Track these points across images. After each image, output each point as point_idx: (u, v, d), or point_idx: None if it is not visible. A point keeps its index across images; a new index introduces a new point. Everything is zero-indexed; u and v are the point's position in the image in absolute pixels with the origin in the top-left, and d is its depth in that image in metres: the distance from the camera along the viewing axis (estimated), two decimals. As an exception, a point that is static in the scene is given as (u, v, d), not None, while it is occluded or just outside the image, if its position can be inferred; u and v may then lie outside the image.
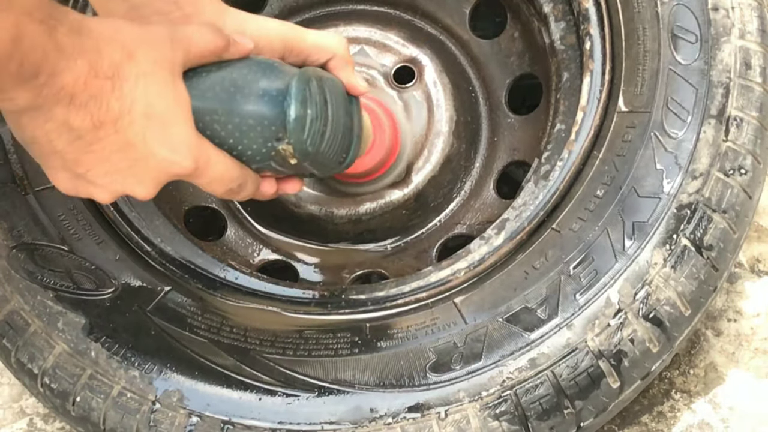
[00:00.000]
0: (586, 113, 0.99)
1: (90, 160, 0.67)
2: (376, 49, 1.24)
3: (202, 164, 0.72)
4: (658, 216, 0.91)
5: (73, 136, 0.64)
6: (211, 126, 0.73)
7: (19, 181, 1.00)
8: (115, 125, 0.65)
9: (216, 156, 0.73)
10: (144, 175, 0.70)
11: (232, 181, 0.76)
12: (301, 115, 0.74)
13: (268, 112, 0.73)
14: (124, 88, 0.65)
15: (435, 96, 1.21)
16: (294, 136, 0.74)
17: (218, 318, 0.95)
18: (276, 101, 0.74)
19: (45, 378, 0.93)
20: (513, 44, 1.25)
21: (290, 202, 1.18)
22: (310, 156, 0.77)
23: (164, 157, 0.69)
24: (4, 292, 0.95)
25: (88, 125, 0.64)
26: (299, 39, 0.83)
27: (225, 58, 0.75)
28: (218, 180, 0.75)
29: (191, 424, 0.88)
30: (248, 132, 0.74)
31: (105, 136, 0.65)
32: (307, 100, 0.75)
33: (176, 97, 0.69)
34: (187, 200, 1.23)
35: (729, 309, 1.18)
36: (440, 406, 0.87)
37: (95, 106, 0.63)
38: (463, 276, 0.96)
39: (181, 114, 0.69)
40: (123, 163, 0.68)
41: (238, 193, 0.78)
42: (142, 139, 0.67)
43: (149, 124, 0.67)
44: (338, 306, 0.97)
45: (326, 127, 0.78)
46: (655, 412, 1.12)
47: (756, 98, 0.95)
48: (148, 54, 0.66)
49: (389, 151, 1.03)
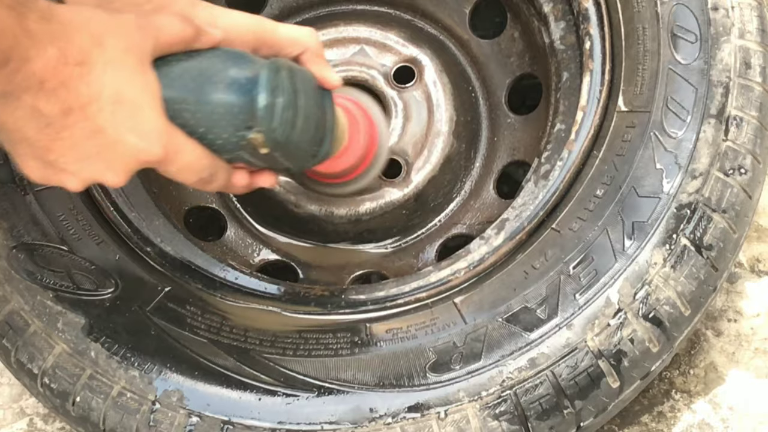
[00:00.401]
0: (586, 113, 0.99)
1: (60, 147, 0.67)
2: (376, 49, 1.24)
3: (171, 152, 0.72)
4: (658, 216, 0.91)
5: (42, 122, 0.65)
6: (181, 114, 0.73)
7: (19, 181, 1.00)
8: (84, 111, 0.65)
9: (186, 144, 0.73)
10: (114, 161, 0.70)
11: (203, 171, 0.76)
12: (270, 104, 0.74)
13: (237, 100, 0.73)
14: (93, 74, 0.65)
15: (435, 96, 1.21)
16: (264, 124, 0.74)
17: (218, 318, 0.95)
18: (245, 90, 0.74)
19: (45, 378, 0.93)
20: (513, 44, 1.25)
21: (290, 202, 1.18)
22: (281, 146, 0.77)
23: (133, 143, 0.69)
24: (4, 293, 0.95)
25: (58, 111, 0.64)
26: (271, 32, 0.83)
27: (195, 47, 0.75)
28: (188, 169, 0.75)
29: (191, 424, 0.88)
30: (218, 121, 0.74)
31: (74, 122, 0.65)
32: (277, 88, 0.75)
33: (145, 85, 0.69)
34: (187, 200, 1.23)
35: (729, 309, 1.18)
36: (440, 406, 0.87)
37: (64, 92, 0.64)
38: (463, 276, 0.96)
39: (151, 101, 0.70)
40: (93, 149, 0.68)
41: (210, 183, 0.78)
42: (112, 126, 0.67)
43: (118, 110, 0.67)
44: (338, 306, 0.97)
45: (297, 118, 0.78)
46: (655, 412, 1.12)
47: (756, 98, 0.95)
48: (117, 41, 0.67)
49: (365, 152, 1.03)
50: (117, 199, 1.03)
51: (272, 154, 0.78)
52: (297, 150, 0.81)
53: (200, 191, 1.24)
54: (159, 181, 1.18)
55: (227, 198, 1.25)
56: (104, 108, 0.66)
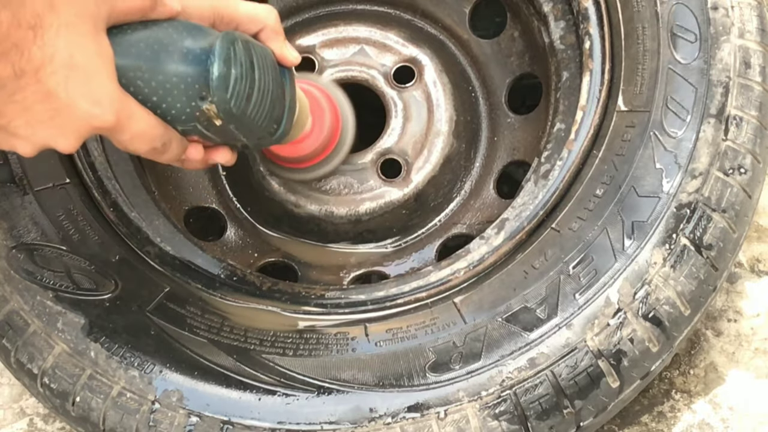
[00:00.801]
0: (586, 112, 0.99)
1: (12, 110, 0.67)
2: (376, 49, 1.24)
3: (124, 119, 0.72)
4: (658, 215, 0.91)
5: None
6: (134, 83, 0.73)
7: (19, 181, 1.00)
8: (37, 74, 0.65)
9: (139, 112, 0.73)
10: (65, 126, 0.70)
11: (155, 140, 0.76)
12: (224, 74, 0.74)
13: (191, 69, 0.73)
14: (46, 37, 0.65)
15: (435, 96, 1.21)
16: (217, 95, 0.74)
17: (218, 318, 0.95)
18: (199, 59, 0.74)
19: (45, 378, 0.93)
20: (513, 44, 1.25)
21: (290, 202, 1.18)
22: (235, 118, 0.77)
23: (86, 109, 0.69)
24: (3, 292, 0.95)
25: (10, 74, 0.64)
26: (230, 8, 0.83)
27: (151, 17, 0.75)
28: (140, 137, 0.74)
29: (191, 424, 0.88)
30: (171, 90, 0.73)
31: (26, 85, 0.66)
32: (231, 59, 0.75)
33: (99, 50, 0.69)
34: (187, 200, 1.24)
35: (729, 309, 1.18)
36: (440, 405, 0.87)
37: (17, 55, 0.64)
38: (463, 276, 0.96)
39: (104, 67, 0.70)
40: (45, 114, 0.68)
41: (163, 154, 0.78)
42: (64, 90, 0.67)
43: (71, 74, 0.67)
44: (338, 306, 0.97)
45: (252, 90, 0.78)
46: (655, 412, 1.12)
47: (755, 97, 0.95)
48: (70, 7, 0.67)
49: (329, 137, 1.02)
50: (117, 199, 1.03)
51: (227, 127, 0.77)
52: (252, 124, 0.81)
53: (200, 191, 1.24)
54: (159, 181, 1.18)
55: (227, 198, 1.25)
56: (57, 71, 0.66)
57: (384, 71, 1.22)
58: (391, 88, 1.21)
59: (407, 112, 1.20)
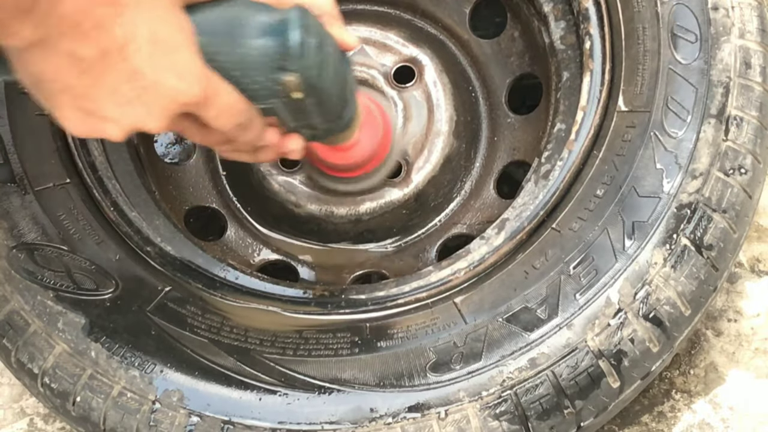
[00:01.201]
0: (586, 113, 0.99)
1: (99, 93, 0.67)
2: (376, 49, 1.24)
3: (210, 93, 0.71)
4: (658, 215, 0.91)
5: (80, 68, 0.64)
6: (214, 59, 0.72)
7: (19, 181, 1.00)
8: (122, 53, 0.65)
9: (223, 86, 0.73)
10: (153, 104, 0.69)
11: (240, 114, 0.75)
12: (303, 42, 0.74)
13: (270, 41, 0.73)
14: (126, 14, 0.64)
15: (435, 96, 1.21)
16: (298, 63, 0.74)
17: (218, 318, 0.95)
18: (278, 31, 0.74)
19: (45, 378, 0.93)
20: (513, 44, 1.25)
21: (290, 202, 1.18)
22: (313, 90, 0.77)
23: (172, 84, 0.68)
24: (4, 292, 0.95)
25: (95, 54, 0.64)
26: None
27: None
28: (227, 111, 0.74)
29: (191, 424, 0.88)
30: (252, 63, 0.73)
31: (112, 64, 0.65)
32: (308, 28, 0.75)
33: (180, 25, 0.69)
34: (188, 200, 1.24)
35: (729, 309, 1.18)
36: (440, 406, 0.87)
37: (100, 35, 0.63)
38: (463, 276, 0.96)
39: (186, 42, 0.69)
40: (132, 92, 0.67)
41: (246, 130, 0.77)
42: (150, 66, 0.66)
43: (155, 50, 0.66)
44: (338, 306, 0.97)
45: (327, 63, 0.78)
46: (656, 412, 1.12)
47: (756, 98, 0.95)
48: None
49: (378, 149, 1.03)
50: (117, 199, 1.03)
51: (305, 102, 0.77)
52: (328, 101, 0.80)
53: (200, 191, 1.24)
54: (159, 181, 1.18)
55: (228, 198, 1.25)
56: (141, 48, 0.65)
57: (384, 71, 1.22)
58: (391, 88, 1.21)
59: (407, 112, 1.20)
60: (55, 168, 1.02)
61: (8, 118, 1.02)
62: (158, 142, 1.28)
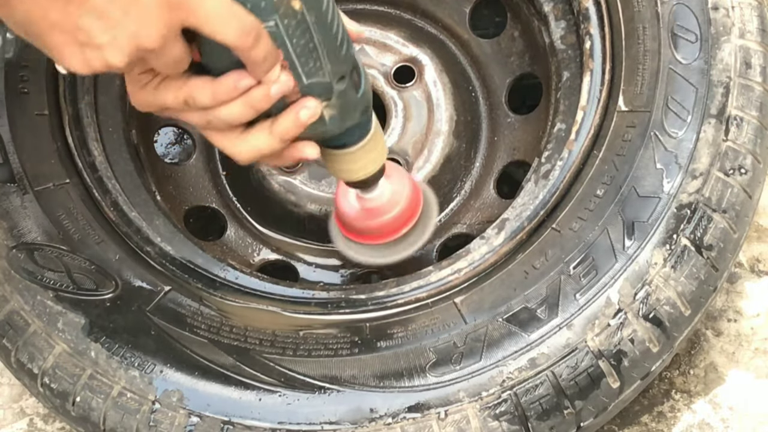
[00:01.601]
0: (586, 113, 0.99)
1: (87, 22, 0.66)
2: (376, 49, 1.24)
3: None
4: (658, 216, 0.91)
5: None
6: None
7: (18, 181, 1.00)
8: None
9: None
10: (145, 17, 0.67)
11: (243, 24, 0.70)
12: None
13: None
14: None
15: (435, 95, 1.21)
16: None
17: (218, 318, 0.95)
18: None
19: (45, 378, 0.93)
20: (513, 44, 1.25)
21: (290, 202, 1.18)
22: (313, 3, 0.73)
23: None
24: (4, 292, 0.95)
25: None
26: None
27: None
28: (227, 18, 0.69)
29: (191, 424, 0.88)
30: None
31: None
32: None
33: None
34: (188, 200, 1.23)
35: (729, 309, 1.18)
36: (440, 406, 0.87)
37: None
38: (463, 276, 0.96)
39: None
40: (119, 11, 0.66)
41: (253, 48, 0.71)
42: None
43: None
44: (338, 306, 0.97)
45: None
46: (655, 412, 1.12)
47: (756, 97, 0.95)
48: None
49: (407, 205, 0.97)
50: (117, 199, 1.03)
51: (305, 18, 0.72)
52: (330, 30, 0.76)
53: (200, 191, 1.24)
54: (159, 181, 1.18)
55: (227, 198, 1.25)
56: None
57: (384, 71, 1.22)
58: (391, 88, 1.21)
59: (407, 111, 1.20)
60: (55, 168, 1.02)
61: (8, 118, 1.02)
62: (158, 142, 1.28)
